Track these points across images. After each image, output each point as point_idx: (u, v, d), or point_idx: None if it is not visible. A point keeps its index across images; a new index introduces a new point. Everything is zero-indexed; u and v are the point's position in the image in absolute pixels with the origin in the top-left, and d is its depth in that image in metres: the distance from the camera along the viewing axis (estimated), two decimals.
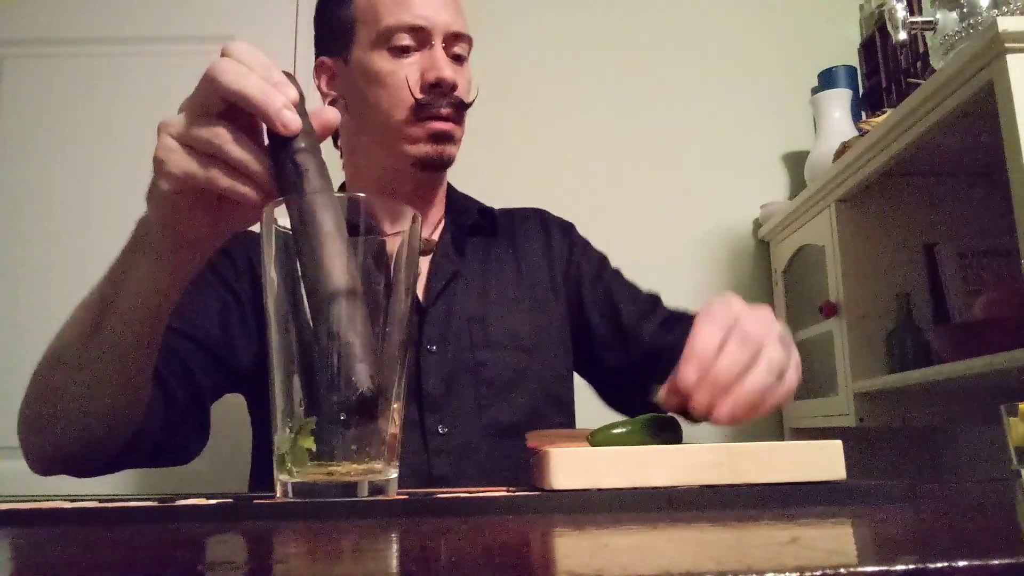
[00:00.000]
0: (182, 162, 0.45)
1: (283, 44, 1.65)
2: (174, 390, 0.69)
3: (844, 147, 1.33)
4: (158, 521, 0.37)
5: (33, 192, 1.63)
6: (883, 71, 1.57)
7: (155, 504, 0.39)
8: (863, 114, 1.59)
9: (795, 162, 1.70)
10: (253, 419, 0.88)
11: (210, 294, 0.80)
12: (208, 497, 0.45)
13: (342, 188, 0.95)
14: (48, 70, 1.68)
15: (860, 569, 0.20)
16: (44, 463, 0.65)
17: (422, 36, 0.81)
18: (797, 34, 1.76)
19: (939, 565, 0.20)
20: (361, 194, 0.43)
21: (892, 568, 0.20)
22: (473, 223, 0.92)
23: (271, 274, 0.42)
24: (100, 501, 0.43)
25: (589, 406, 0.95)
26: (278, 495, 0.40)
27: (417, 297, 0.84)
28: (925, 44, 1.36)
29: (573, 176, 1.63)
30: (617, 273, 0.97)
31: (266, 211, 0.42)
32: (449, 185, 0.96)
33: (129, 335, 0.55)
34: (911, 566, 0.20)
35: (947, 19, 1.06)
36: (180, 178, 0.46)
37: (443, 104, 0.81)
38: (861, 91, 1.64)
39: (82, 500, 0.44)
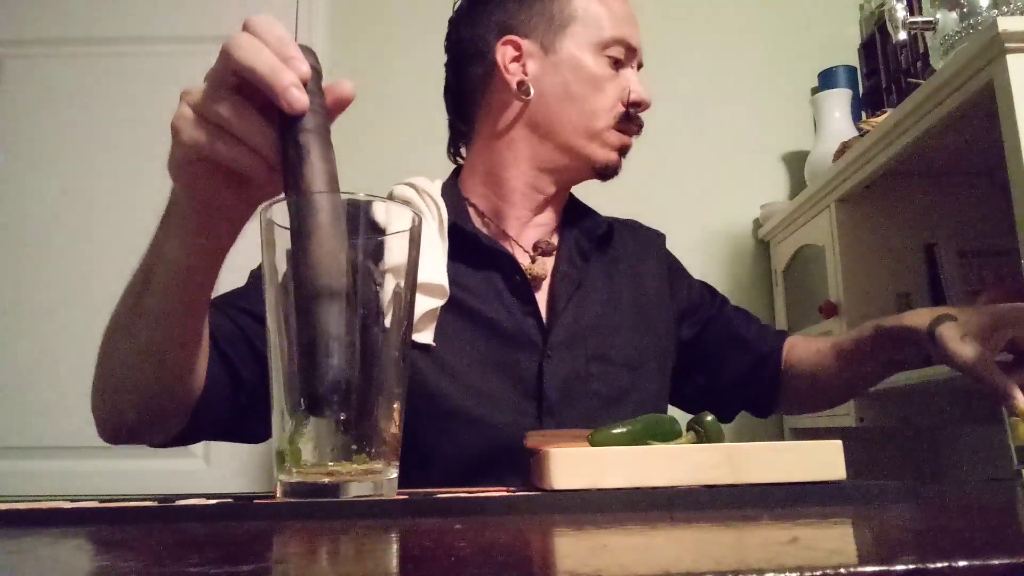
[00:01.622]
0: (192, 131, 0.46)
1: None
2: (239, 369, 0.69)
3: (844, 147, 1.33)
4: (158, 521, 0.37)
5: (33, 191, 1.63)
6: (883, 71, 1.57)
7: (155, 504, 0.39)
8: (863, 114, 1.59)
9: (795, 162, 1.70)
10: None
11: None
12: (208, 497, 0.45)
13: (456, 173, 0.94)
14: (48, 70, 1.68)
15: (860, 569, 0.20)
16: (110, 431, 0.66)
17: (630, 55, 0.90)
18: (797, 34, 1.76)
19: (939, 565, 0.20)
20: (361, 194, 0.43)
21: (892, 568, 0.20)
22: (604, 233, 0.93)
23: (270, 274, 0.42)
24: (100, 501, 0.43)
25: None
26: (278, 495, 0.40)
27: (537, 303, 0.84)
28: (925, 44, 1.36)
29: None
30: (725, 301, 1.01)
31: (261, 211, 0.42)
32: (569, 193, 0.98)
33: (168, 303, 0.55)
34: (911, 566, 0.20)
35: (947, 19, 1.06)
36: (190, 147, 0.46)
37: (639, 122, 0.90)
38: (861, 91, 1.64)
39: (82, 500, 0.44)
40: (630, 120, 0.88)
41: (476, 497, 0.42)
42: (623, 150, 0.89)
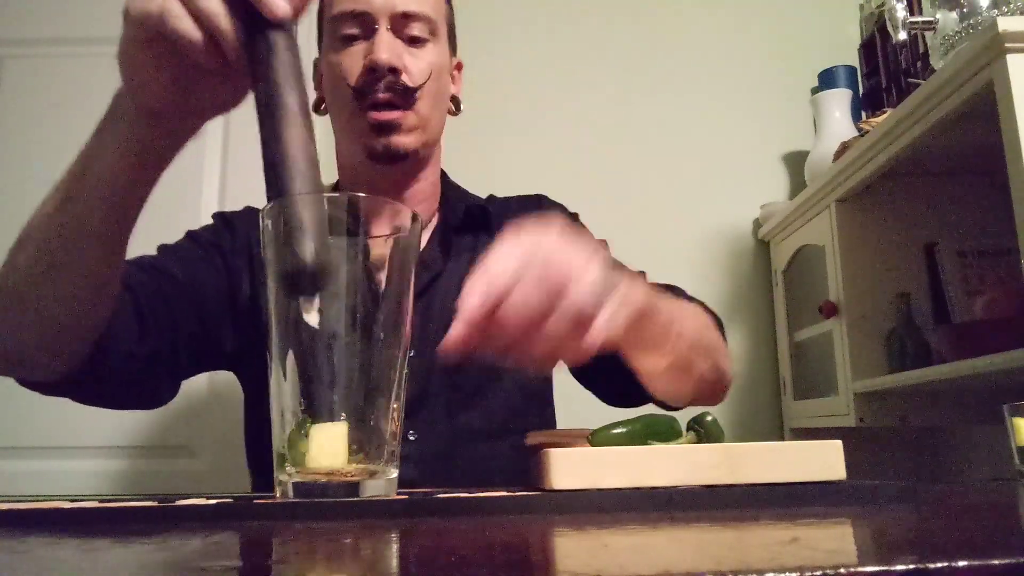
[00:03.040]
0: (144, 3, 0.45)
1: None
2: (149, 321, 0.68)
3: (844, 147, 1.33)
4: (158, 521, 0.37)
5: (33, 192, 1.63)
6: (883, 71, 1.57)
7: (155, 504, 0.39)
8: (863, 114, 1.59)
9: (795, 162, 1.70)
10: (246, 400, 0.87)
11: (210, 256, 0.80)
12: (208, 497, 0.45)
13: (335, 186, 0.93)
14: (48, 70, 1.68)
15: (860, 569, 0.20)
16: (0, 355, 0.63)
17: (366, 22, 0.78)
18: (797, 34, 1.76)
19: (939, 565, 0.20)
20: (361, 194, 0.43)
21: (892, 568, 0.20)
22: (460, 222, 0.88)
23: (271, 275, 0.42)
24: (100, 501, 0.43)
25: (572, 405, 0.94)
26: (278, 495, 0.40)
27: None
28: (925, 44, 1.36)
29: (573, 176, 1.63)
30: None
31: (263, 213, 0.42)
32: (447, 180, 0.93)
33: (96, 209, 0.54)
34: (911, 566, 0.20)
35: (947, 19, 1.06)
36: (138, 19, 0.45)
37: (379, 89, 0.77)
38: (861, 91, 1.64)
39: (82, 500, 0.44)
40: (365, 92, 0.77)
41: (476, 497, 0.42)
42: (380, 128, 0.78)
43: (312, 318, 0.39)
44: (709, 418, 0.48)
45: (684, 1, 1.78)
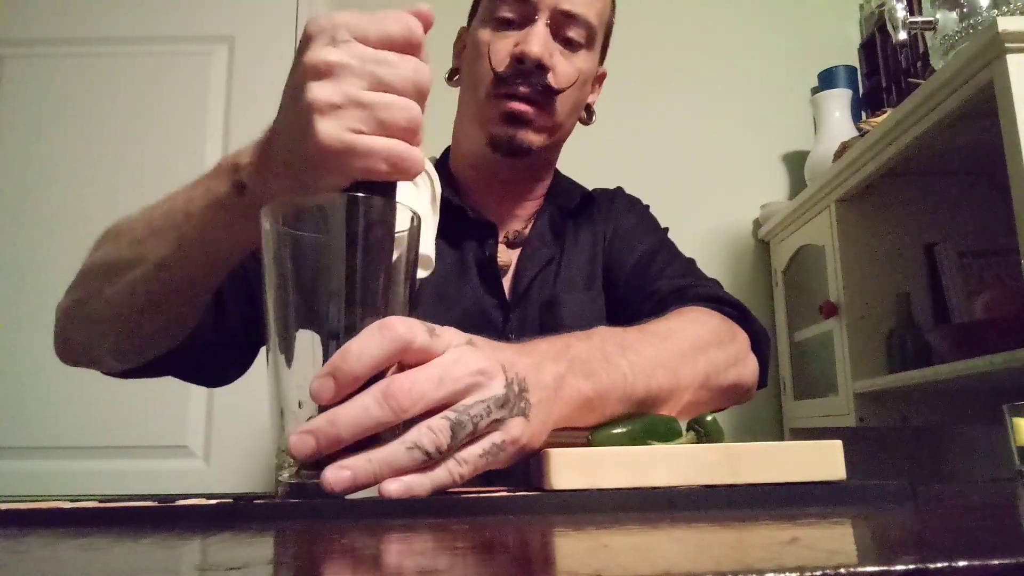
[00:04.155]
0: (335, 136, 0.41)
1: (283, 44, 1.66)
2: (228, 305, 0.67)
3: (844, 147, 1.33)
4: (158, 521, 0.37)
5: (33, 192, 1.63)
6: (883, 71, 1.57)
7: (155, 504, 0.39)
8: (863, 114, 1.59)
9: (795, 162, 1.70)
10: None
11: None
12: (208, 497, 0.45)
13: (445, 153, 0.92)
14: (48, 70, 1.68)
15: (860, 569, 0.20)
16: (73, 358, 0.64)
17: (526, 10, 0.76)
18: (797, 34, 1.76)
19: (939, 565, 0.20)
20: (362, 194, 0.42)
21: (892, 568, 0.20)
22: (574, 207, 0.88)
23: (271, 274, 0.42)
24: (100, 501, 0.43)
25: None
26: (278, 495, 0.40)
27: (503, 286, 0.82)
28: (925, 44, 1.37)
29: (573, 175, 1.63)
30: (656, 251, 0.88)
31: (264, 211, 0.42)
32: (556, 171, 0.93)
33: (216, 269, 0.55)
34: (911, 566, 0.20)
35: (947, 19, 1.06)
36: (331, 154, 0.42)
37: (522, 82, 0.75)
38: (861, 91, 1.64)
39: (82, 500, 0.44)
40: (506, 81, 0.76)
41: (476, 497, 0.42)
42: (510, 118, 0.77)
43: None
44: (709, 418, 0.48)
45: (684, 1, 1.78)
